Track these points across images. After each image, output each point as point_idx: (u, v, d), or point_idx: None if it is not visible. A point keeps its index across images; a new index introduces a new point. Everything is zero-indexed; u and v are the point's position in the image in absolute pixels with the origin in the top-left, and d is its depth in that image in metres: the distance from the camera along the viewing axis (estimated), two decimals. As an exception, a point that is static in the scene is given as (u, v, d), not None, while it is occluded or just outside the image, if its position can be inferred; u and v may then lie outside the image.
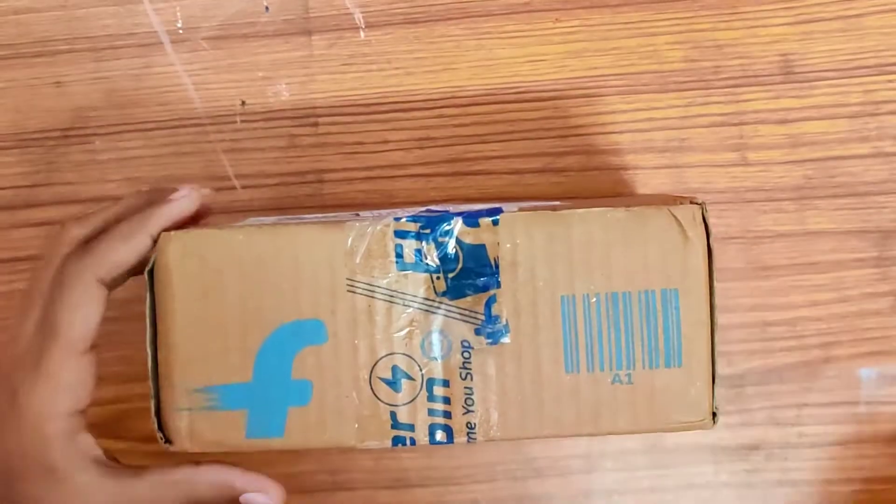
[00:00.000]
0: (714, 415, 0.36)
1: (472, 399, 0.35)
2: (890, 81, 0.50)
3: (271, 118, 0.51)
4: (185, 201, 0.37)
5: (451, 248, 0.35)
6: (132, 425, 0.35)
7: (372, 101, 0.51)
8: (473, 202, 0.52)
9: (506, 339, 0.35)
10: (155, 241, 0.36)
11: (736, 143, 0.51)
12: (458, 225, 0.35)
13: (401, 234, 0.35)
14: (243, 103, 0.51)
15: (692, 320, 0.35)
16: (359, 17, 0.50)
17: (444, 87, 0.51)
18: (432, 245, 0.35)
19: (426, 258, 0.35)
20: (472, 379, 0.35)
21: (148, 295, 0.35)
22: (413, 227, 0.35)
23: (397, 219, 0.35)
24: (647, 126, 0.51)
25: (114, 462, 0.38)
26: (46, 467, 0.36)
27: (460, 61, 0.51)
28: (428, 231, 0.35)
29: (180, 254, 0.35)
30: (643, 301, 0.35)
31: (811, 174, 0.51)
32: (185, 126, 0.52)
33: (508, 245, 0.35)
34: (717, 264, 0.35)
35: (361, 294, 0.35)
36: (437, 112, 0.51)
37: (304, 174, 0.52)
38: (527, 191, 0.52)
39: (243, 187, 0.52)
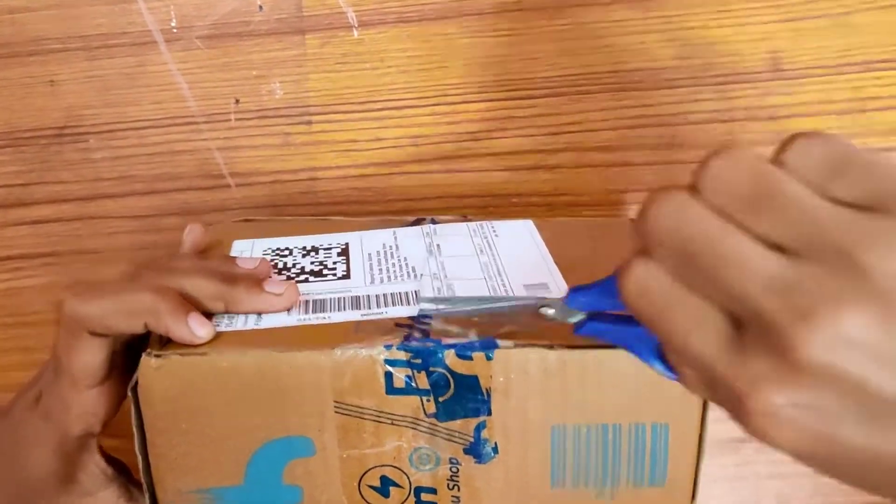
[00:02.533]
0: None
1: None
2: (877, 79, 0.50)
3: (265, 116, 0.52)
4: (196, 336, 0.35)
5: (443, 377, 0.35)
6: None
7: (365, 99, 0.51)
8: (467, 199, 0.52)
9: (494, 460, 0.36)
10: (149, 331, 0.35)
11: (726, 140, 0.51)
12: (450, 358, 0.34)
13: (390, 363, 0.34)
14: (237, 102, 0.52)
15: (680, 449, 0.36)
16: (352, 16, 0.51)
17: (437, 84, 0.51)
18: (423, 373, 0.34)
19: (416, 383, 0.35)
20: (459, 489, 0.36)
21: (133, 409, 0.35)
22: (403, 355, 0.34)
23: (388, 346, 0.34)
24: (638, 123, 0.51)
25: (126, 476, 0.41)
26: (64, 477, 0.39)
27: (453, 59, 0.51)
28: (419, 361, 0.34)
29: (163, 379, 0.35)
30: (633, 432, 0.36)
31: (800, 170, 0.51)
32: (179, 124, 0.52)
33: (502, 379, 0.34)
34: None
35: (349, 415, 0.35)
36: (430, 110, 0.52)
37: (297, 172, 0.52)
38: (520, 188, 0.52)
39: (237, 185, 0.52)
